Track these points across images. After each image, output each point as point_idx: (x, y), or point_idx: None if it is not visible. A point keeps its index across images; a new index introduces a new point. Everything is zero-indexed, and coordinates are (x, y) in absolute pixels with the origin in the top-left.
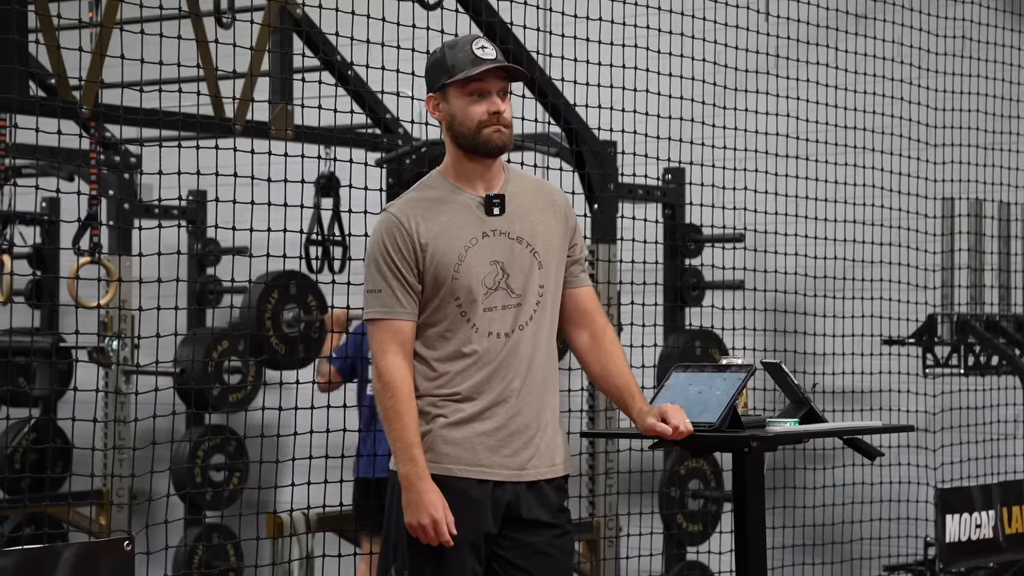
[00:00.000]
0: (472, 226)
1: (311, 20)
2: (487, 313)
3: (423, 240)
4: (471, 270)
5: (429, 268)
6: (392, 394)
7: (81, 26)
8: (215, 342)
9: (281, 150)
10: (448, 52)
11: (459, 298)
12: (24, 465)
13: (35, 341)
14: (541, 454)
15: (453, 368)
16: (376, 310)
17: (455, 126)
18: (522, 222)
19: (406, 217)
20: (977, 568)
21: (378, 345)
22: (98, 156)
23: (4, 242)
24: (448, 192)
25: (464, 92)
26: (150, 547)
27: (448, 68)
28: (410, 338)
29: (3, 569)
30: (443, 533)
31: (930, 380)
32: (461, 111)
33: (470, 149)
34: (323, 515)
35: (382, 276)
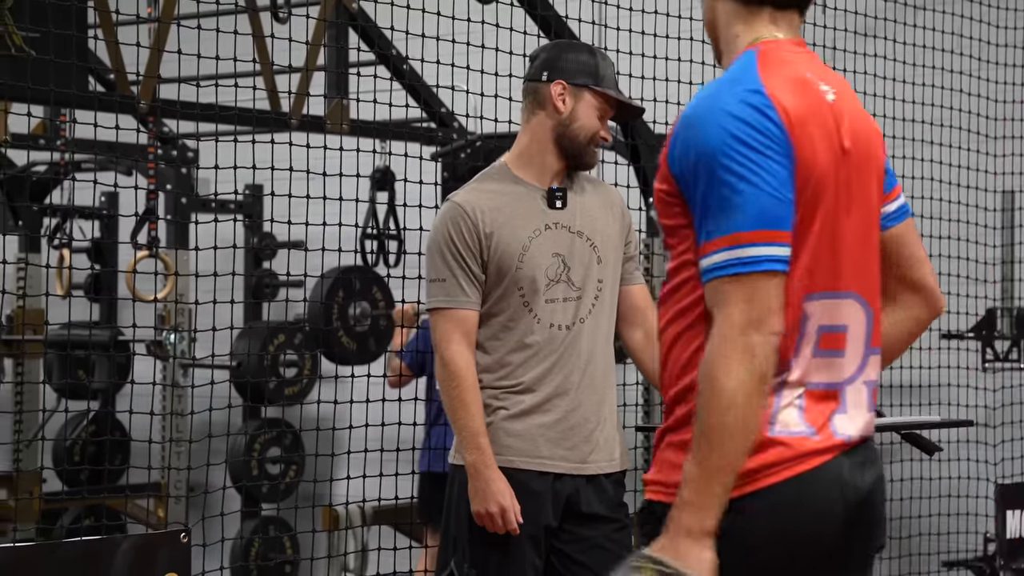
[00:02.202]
0: (536, 217)
1: (366, 14)
2: (549, 304)
3: (488, 229)
4: (534, 261)
5: (493, 258)
6: (457, 383)
7: (139, 21)
8: (271, 335)
9: (337, 144)
10: (600, 61)
11: (522, 288)
12: (83, 457)
13: (94, 334)
14: (600, 448)
15: (515, 359)
16: (440, 299)
17: (572, 125)
18: (582, 217)
19: (471, 206)
20: None
21: (441, 335)
22: (156, 151)
23: (64, 236)
24: (512, 184)
25: (597, 104)
26: (207, 539)
27: (597, 75)
28: (473, 327)
29: (64, 560)
30: (510, 521)
31: (989, 375)
32: (586, 117)
33: (569, 151)
34: (379, 508)
35: (446, 265)
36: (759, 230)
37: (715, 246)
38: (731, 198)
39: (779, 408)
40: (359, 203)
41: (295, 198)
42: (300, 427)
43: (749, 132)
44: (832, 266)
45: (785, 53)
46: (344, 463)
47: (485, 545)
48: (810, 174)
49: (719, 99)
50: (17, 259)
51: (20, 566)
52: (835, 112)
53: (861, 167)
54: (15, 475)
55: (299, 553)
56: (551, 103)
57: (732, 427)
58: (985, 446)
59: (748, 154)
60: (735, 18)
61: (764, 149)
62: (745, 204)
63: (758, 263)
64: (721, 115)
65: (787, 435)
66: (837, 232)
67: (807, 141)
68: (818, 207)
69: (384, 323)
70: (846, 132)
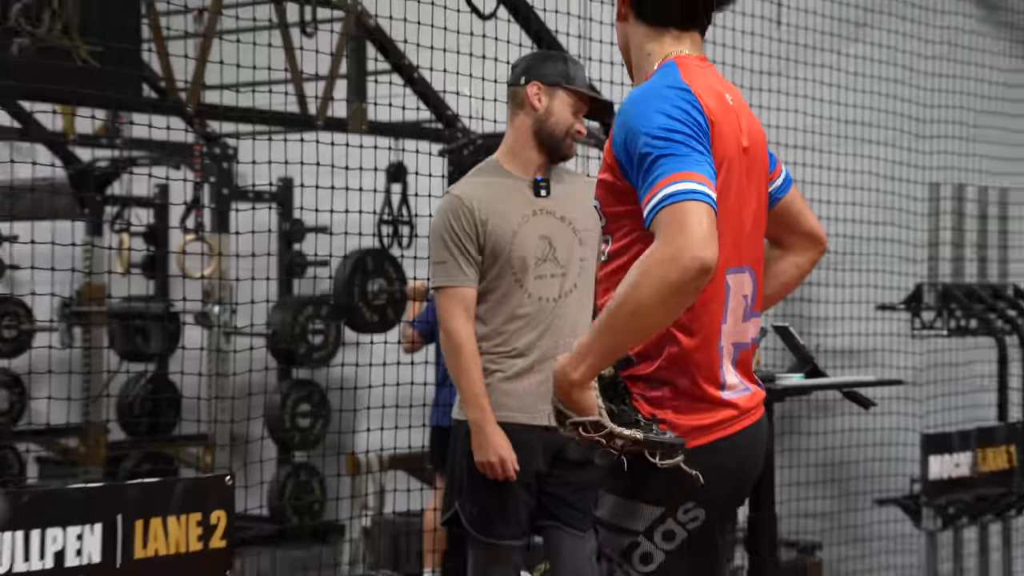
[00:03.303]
0: (524, 205)
1: (382, 29)
2: (538, 280)
3: (482, 217)
4: (524, 242)
5: (488, 241)
6: (460, 352)
7: (187, 37)
8: (301, 308)
9: (357, 142)
10: (570, 65)
11: (514, 267)
12: (142, 411)
13: (149, 307)
14: None
15: (509, 328)
16: (442, 279)
17: (548, 120)
18: (564, 204)
19: (467, 197)
20: (955, 501)
21: (444, 310)
22: (201, 148)
23: (123, 223)
24: (502, 176)
25: (570, 101)
26: (248, 482)
27: (568, 75)
28: (472, 303)
29: (128, 499)
30: (508, 470)
31: (917, 341)
32: (561, 113)
33: (548, 144)
34: (395, 456)
35: (447, 249)
36: (694, 172)
37: (656, 189)
38: (672, 154)
39: (724, 372)
40: (376, 193)
41: (321, 189)
42: (326, 386)
43: (685, 117)
44: (737, 245)
45: (695, 66)
46: (364, 417)
47: (484, 487)
48: (722, 165)
49: (654, 92)
50: (84, 242)
51: (90, 503)
52: (736, 115)
53: (755, 160)
54: (85, 426)
55: (326, 494)
56: (529, 102)
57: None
58: (912, 402)
59: (684, 130)
60: (646, 39)
61: (696, 134)
62: (683, 158)
63: (693, 193)
64: (659, 100)
65: (734, 397)
66: (740, 216)
67: (721, 137)
68: (728, 194)
69: (398, 297)
70: (744, 132)
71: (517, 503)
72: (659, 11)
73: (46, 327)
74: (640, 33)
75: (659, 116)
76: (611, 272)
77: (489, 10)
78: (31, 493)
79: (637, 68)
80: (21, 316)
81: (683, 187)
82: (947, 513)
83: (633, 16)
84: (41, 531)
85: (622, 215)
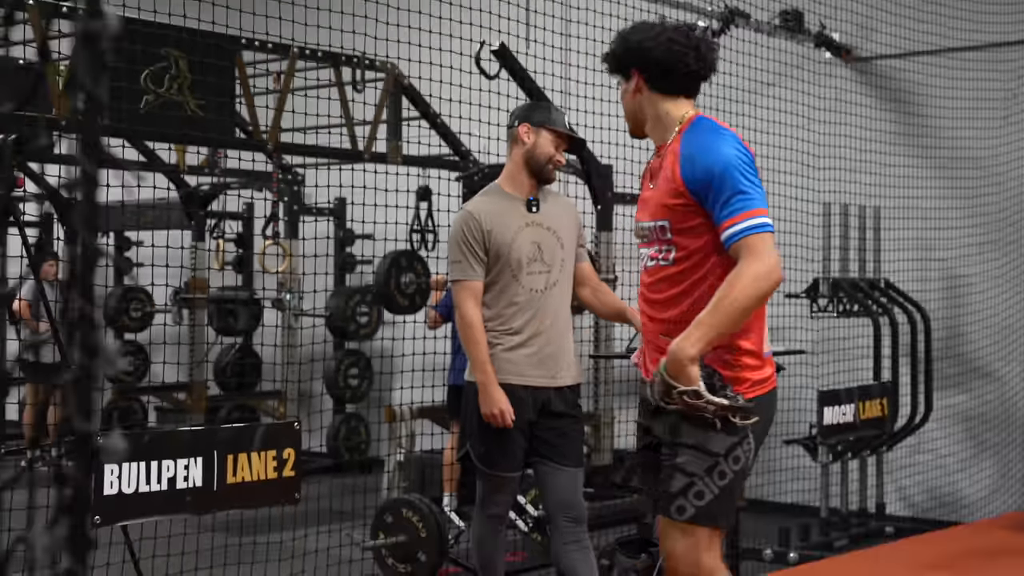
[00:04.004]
0: (519, 218)
1: (413, 86)
2: (529, 276)
3: (488, 228)
4: (519, 247)
5: (492, 246)
6: (470, 330)
7: (268, 92)
8: (351, 296)
9: (394, 171)
10: (552, 111)
11: (511, 265)
12: (232, 373)
13: (238, 294)
14: (564, 369)
15: (507, 312)
16: (457, 274)
17: (535, 152)
18: (550, 218)
19: (476, 212)
20: (842, 441)
21: (459, 299)
22: (278, 175)
23: (219, 231)
24: (503, 197)
25: (551, 138)
26: (311, 427)
27: (550, 119)
28: (480, 293)
29: (222, 439)
30: (506, 419)
31: (815, 320)
32: (543, 147)
33: (535, 171)
34: (421, 407)
35: (461, 251)
36: (765, 208)
37: (740, 218)
38: (746, 191)
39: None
40: (408, 209)
41: (367, 206)
42: (370, 355)
43: (748, 160)
44: None
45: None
46: (399, 378)
47: (488, 433)
48: None
49: (721, 135)
50: (190, 246)
51: (194, 442)
52: None
53: None
54: (190, 384)
55: (370, 436)
56: (520, 139)
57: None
58: (811, 366)
59: (750, 170)
60: (662, 103)
61: (754, 168)
62: (756, 196)
63: (767, 226)
64: (729, 143)
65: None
66: None
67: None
68: None
69: (424, 287)
70: None
71: (513, 444)
72: (672, 85)
73: (162, 310)
74: (656, 101)
75: (733, 153)
76: (681, 272)
77: (493, 72)
78: (151, 433)
79: (655, 126)
80: (144, 301)
81: (762, 221)
82: (836, 450)
83: (648, 90)
84: (158, 462)
85: (687, 230)
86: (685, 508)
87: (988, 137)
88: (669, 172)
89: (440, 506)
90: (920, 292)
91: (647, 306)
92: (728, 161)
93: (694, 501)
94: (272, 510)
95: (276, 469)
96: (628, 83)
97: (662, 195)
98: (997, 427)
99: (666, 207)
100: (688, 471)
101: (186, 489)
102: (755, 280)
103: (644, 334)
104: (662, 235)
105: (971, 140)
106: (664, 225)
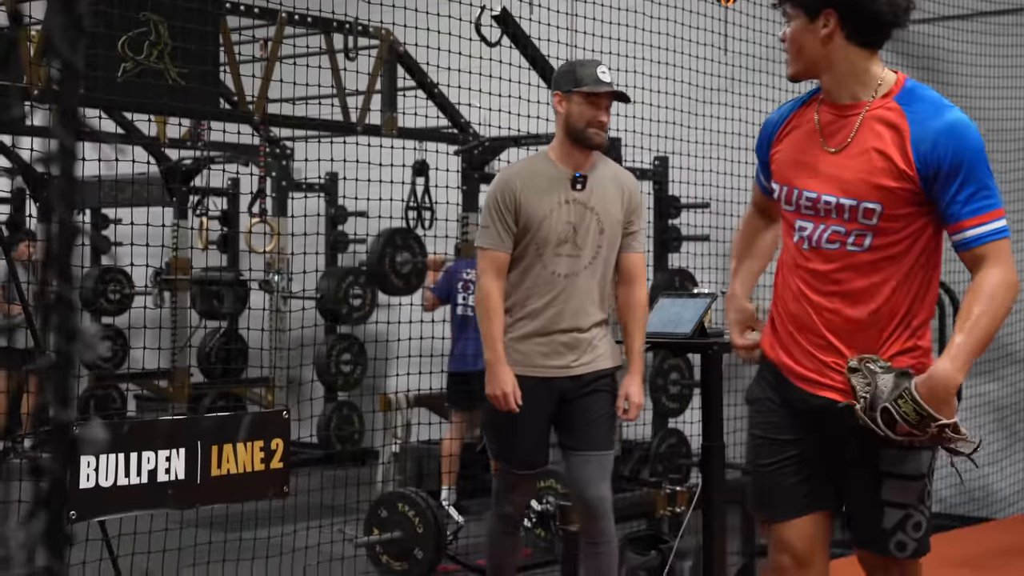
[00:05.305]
0: (560, 193)
1: (410, 54)
2: (556, 258)
3: (522, 199)
4: (551, 224)
5: (521, 219)
6: (485, 302)
7: (254, 60)
8: (344, 276)
9: (388, 144)
10: (578, 68)
11: (538, 244)
12: (217, 359)
13: (223, 275)
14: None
15: (525, 293)
16: (483, 240)
17: (571, 121)
18: (596, 197)
19: (513, 179)
20: None
21: (482, 268)
22: (265, 149)
23: (203, 208)
24: (548, 166)
25: (583, 99)
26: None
27: (576, 79)
28: (504, 265)
29: (206, 429)
30: (511, 402)
31: None
32: (577, 112)
33: (575, 140)
34: (418, 395)
35: (491, 217)
36: (1003, 209)
37: (986, 219)
38: (992, 187)
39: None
40: (404, 185)
41: (359, 181)
42: (363, 339)
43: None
44: None
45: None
46: (394, 364)
47: (502, 426)
48: None
49: (961, 115)
50: (172, 224)
51: (176, 432)
52: None
53: None
54: (172, 370)
55: (363, 426)
56: (556, 108)
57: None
58: None
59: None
60: (860, 59)
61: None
62: (997, 193)
63: (1009, 231)
64: (973, 128)
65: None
66: None
67: None
68: None
69: (420, 267)
70: None
71: (527, 440)
72: (875, 38)
73: (142, 292)
74: (852, 52)
75: (980, 140)
76: (875, 261)
77: (494, 39)
78: (130, 423)
79: (843, 81)
80: (123, 283)
81: (1005, 223)
82: None
83: (843, 38)
84: (138, 454)
85: (899, 217)
86: (906, 544)
87: (1022, 107)
88: (885, 146)
89: (438, 500)
90: (949, 273)
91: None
92: (981, 148)
93: (912, 534)
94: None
95: (264, 461)
96: (812, 23)
97: (871, 172)
98: None
99: (880, 188)
100: (900, 503)
101: (168, 482)
102: (1009, 290)
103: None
104: (863, 218)
105: (1005, 111)
106: (874, 208)
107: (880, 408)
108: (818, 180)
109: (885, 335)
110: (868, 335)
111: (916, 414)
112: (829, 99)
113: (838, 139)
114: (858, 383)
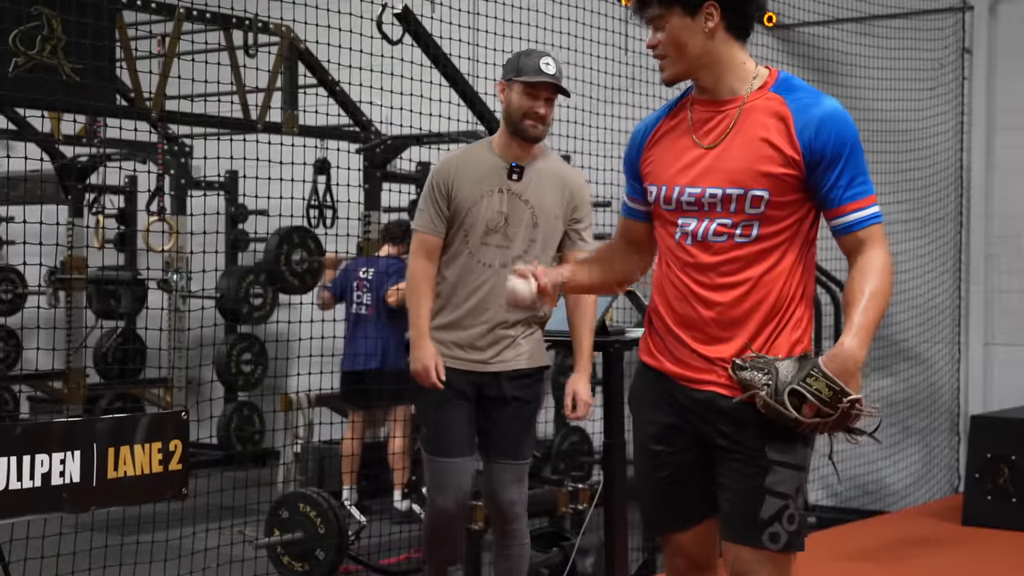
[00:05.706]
0: (494, 181)
1: (310, 51)
2: (483, 247)
3: (455, 184)
4: (479, 212)
5: (452, 204)
6: (412, 282)
7: (152, 56)
8: (244, 276)
9: (289, 142)
10: (522, 58)
11: (466, 230)
12: (114, 359)
13: (120, 274)
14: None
15: (451, 281)
16: (416, 223)
17: (509, 111)
18: (532, 190)
19: (449, 164)
20: None
21: (412, 249)
22: (163, 146)
23: (99, 206)
24: (487, 154)
25: (522, 90)
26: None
27: (518, 68)
28: (434, 248)
29: (102, 431)
30: (432, 376)
31: None
32: (516, 102)
33: (512, 131)
34: (319, 395)
35: (426, 201)
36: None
37: (865, 203)
38: (867, 172)
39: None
40: (304, 183)
41: (260, 179)
42: (264, 339)
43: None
44: None
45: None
46: (295, 364)
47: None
48: None
49: (837, 103)
50: (67, 222)
51: (71, 434)
52: None
53: None
54: (67, 371)
55: (264, 426)
56: (499, 97)
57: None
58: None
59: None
60: (738, 51)
61: None
62: (869, 177)
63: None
64: (850, 116)
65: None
66: None
67: None
68: None
69: (316, 265)
70: None
71: (455, 425)
72: (747, 29)
73: (36, 291)
74: (731, 45)
75: (857, 131)
76: (760, 251)
77: (396, 37)
78: (23, 425)
79: (721, 75)
80: (16, 282)
81: (879, 209)
82: None
83: (724, 30)
84: (31, 456)
85: (784, 204)
86: (779, 536)
87: (914, 109)
88: (769, 134)
89: (339, 500)
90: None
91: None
92: (857, 134)
93: (787, 527)
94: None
95: (162, 462)
96: (694, 19)
97: (756, 160)
98: (923, 412)
99: (766, 175)
100: (781, 492)
101: (62, 485)
102: (890, 272)
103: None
104: (751, 207)
105: (896, 112)
106: (761, 195)
107: (788, 391)
108: (700, 175)
109: (772, 326)
110: (756, 326)
111: (829, 389)
112: (706, 96)
113: (716, 133)
114: (753, 376)
